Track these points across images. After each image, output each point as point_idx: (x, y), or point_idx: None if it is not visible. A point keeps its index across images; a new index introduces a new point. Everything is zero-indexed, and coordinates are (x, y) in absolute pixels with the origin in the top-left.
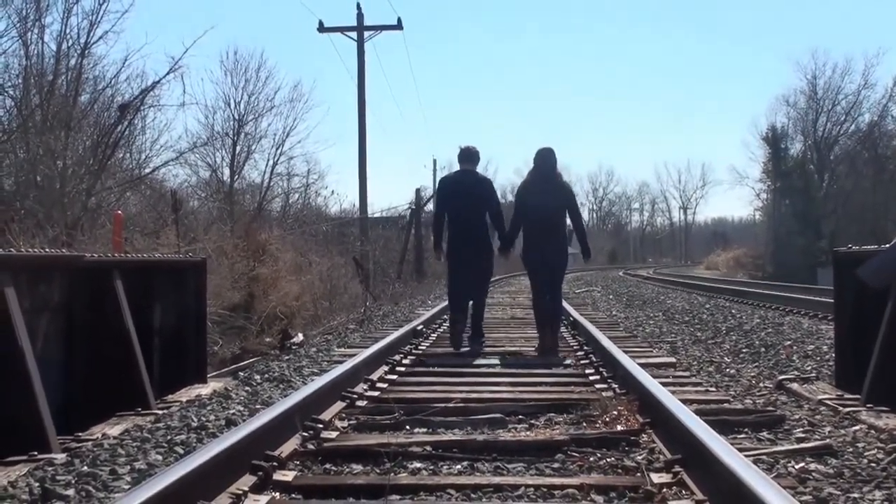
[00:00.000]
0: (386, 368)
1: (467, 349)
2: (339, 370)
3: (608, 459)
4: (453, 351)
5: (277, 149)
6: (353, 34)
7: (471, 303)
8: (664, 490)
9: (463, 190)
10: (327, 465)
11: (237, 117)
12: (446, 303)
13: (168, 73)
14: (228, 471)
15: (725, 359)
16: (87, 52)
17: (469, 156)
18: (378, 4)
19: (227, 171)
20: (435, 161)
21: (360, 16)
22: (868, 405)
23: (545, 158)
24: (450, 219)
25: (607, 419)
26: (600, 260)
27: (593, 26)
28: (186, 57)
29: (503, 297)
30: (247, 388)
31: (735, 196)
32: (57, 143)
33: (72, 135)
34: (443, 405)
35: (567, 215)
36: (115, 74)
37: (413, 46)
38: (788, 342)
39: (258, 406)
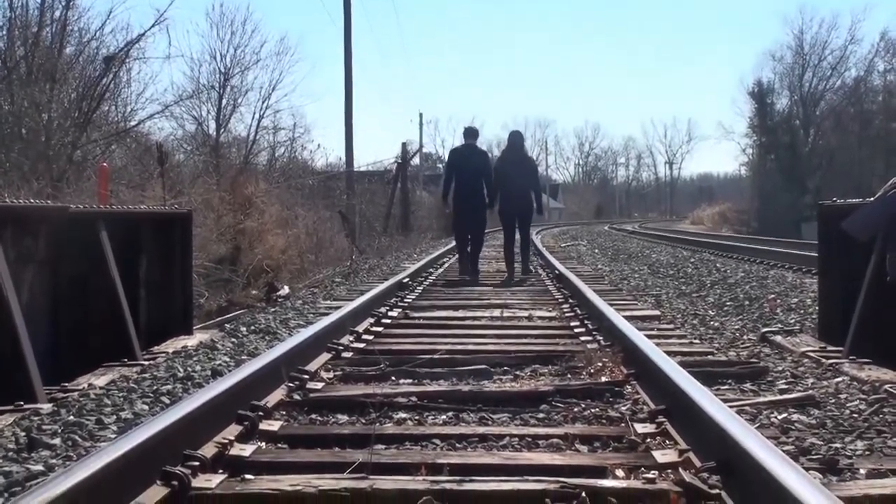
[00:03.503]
0: (371, 321)
1: (468, 279)
2: (324, 322)
3: (593, 410)
4: (460, 276)
5: (264, 102)
6: None
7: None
8: (648, 440)
9: (469, 159)
10: (313, 416)
11: (223, 70)
12: (431, 256)
13: (153, 26)
14: (214, 420)
15: (710, 312)
16: (71, 3)
17: (472, 133)
18: None
19: (212, 125)
20: (421, 115)
21: None
22: (851, 357)
23: (516, 139)
24: (456, 180)
25: (592, 370)
26: (586, 214)
27: None
28: (172, 9)
29: (487, 251)
30: (233, 339)
31: (721, 151)
32: (42, 96)
33: (57, 87)
34: (428, 357)
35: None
36: (100, 26)
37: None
38: (772, 295)
39: (244, 357)
